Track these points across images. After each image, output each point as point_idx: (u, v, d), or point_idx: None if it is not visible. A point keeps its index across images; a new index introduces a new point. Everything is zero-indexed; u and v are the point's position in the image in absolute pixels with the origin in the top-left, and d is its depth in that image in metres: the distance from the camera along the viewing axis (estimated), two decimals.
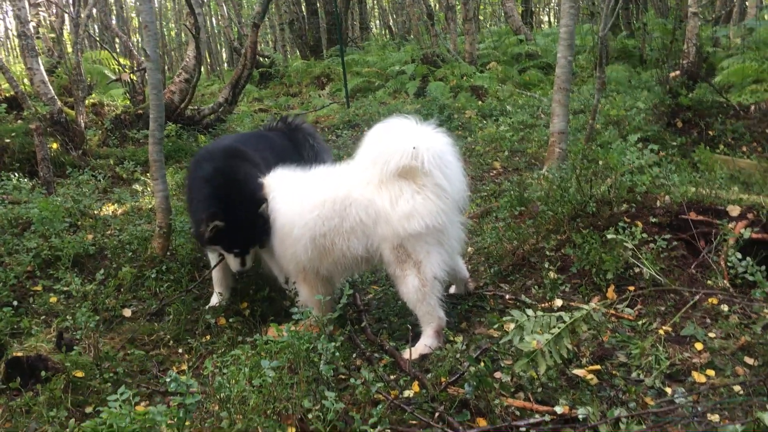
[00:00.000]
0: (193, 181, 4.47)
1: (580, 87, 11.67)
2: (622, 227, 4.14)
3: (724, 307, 3.73)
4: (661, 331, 3.56)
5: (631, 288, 3.99)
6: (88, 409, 3.37)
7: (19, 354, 3.74)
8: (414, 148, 3.54)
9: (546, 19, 34.09)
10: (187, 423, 2.58)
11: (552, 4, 34.37)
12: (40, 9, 12.24)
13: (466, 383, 3.07)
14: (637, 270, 4.02)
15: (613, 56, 13.86)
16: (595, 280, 4.09)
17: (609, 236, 4.04)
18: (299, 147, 5.24)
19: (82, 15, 10.05)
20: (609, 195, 4.59)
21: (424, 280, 3.65)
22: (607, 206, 4.52)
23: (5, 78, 8.85)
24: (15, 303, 4.38)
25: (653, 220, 4.36)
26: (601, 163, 4.71)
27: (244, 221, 4.08)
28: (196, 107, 10.93)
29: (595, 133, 7.07)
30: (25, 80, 9.60)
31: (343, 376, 3.35)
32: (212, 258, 4.65)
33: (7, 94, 10.21)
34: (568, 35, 6.29)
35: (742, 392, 2.99)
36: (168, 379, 2.63)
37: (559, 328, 3.09)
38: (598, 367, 3.28)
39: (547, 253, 4.49)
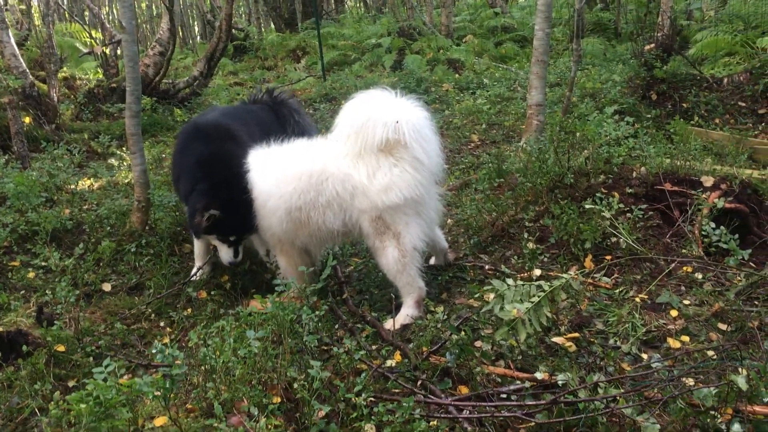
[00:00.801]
0: (185, 163, 4.41)
1: (556, 60, 11.70)
2: (600, 198, 4.20)
3: (699, 275, 3.83)
4: (637, 299, 3.64)
5: (608, 257, 4.06)
6: (71, 383, 3.36)
7: None
8: (397, 122, 3.55)
9: None
10: (172, 394, 2.59)
11: None
12: None
13: (447, 352, 3.12)
14: (614, 240, 4.10)
15: (589, 29, 13.91)
16: (573, 250, 4.16)
17: (587, 206, 4.10)
18: (283, 121, 5.20)
19: None
20: (586, 166, 4.65)
21: (403, 250, 3.68)
22: (584, 177, 4.58)
23: None
24: None
25: (629, 190, 4.43)
26: (578, 135, 4.75)
27: (239, 209, 4.07)
28: (170, 81, 10.78)
29: (572, 106, 7.12)
30: None
31: (325, 347, 3.39)
32: (197, 244, 4.64)
33: None
34: (545, 7, 6.29)
35: (715, 357, 3.07)
36: (154, 351, 2.64)
37: (538, 296, 3.14)
38: (576, 334, 3.35)
39: (526, 224, 4.54)
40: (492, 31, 15.65)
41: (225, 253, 4.29)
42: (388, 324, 3.66)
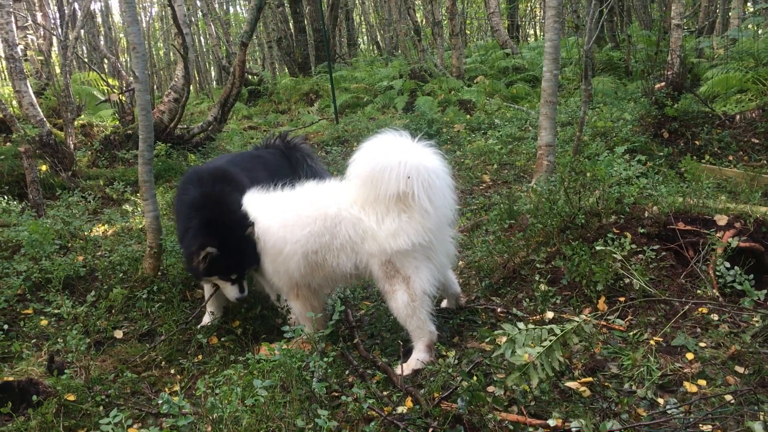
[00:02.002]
0: (180, 208, 4.45)
1: (567, 99, 11.77)
2: (611, 238, 4.17)
3: (714, 317, 3.76)
4: (652, 342, 3.58)
5: (622, 299, 4.01)
6: None
7: (10, 378, 3.72)
8: (408, 177, 3.55)
9: (532, 32, 34.38)
10: None
11: (538, 18, 34.67)
12: (27, 32, 12.24)
13: (459, 398, 3.06)
14: (627, 281, 4.05)
15: (599, 68, 14.00)
16: (586, 291, 4.11)
17: (598, 248, 4.06)
18: (296, 166, 5.24)
19: (71, 37, 10.06)
20: (597, 206, 4.62)
21: (413, 295, 3.66)
22: (595, 218, 4.55)
23: None
24: (5, 327, 4.36)
25: (642, 230, 4.39)
26: (588, 174, 4.74)
27: (235, 245, 4.07)
28: (185, 126, 10.95)
29: (583, 145, 7.12)
30: (14, 103, 9.60)
31: (335, 393, 3.35)
32: (206, 289, 4.64)
33: None
34: (553, 49, 6.35)
35: (733, 401, 3.00)
36: (160, 401, 2.62)
37: (550, 340, 3.10)
38: (590, 379, 3.29)
39: (538, 265, 4.51)
40: (503, 71, 15.80)
41: (230, 291, 4.26)
42: (399, 369, 3.61)
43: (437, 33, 17.39)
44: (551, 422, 2.81)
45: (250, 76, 18.91)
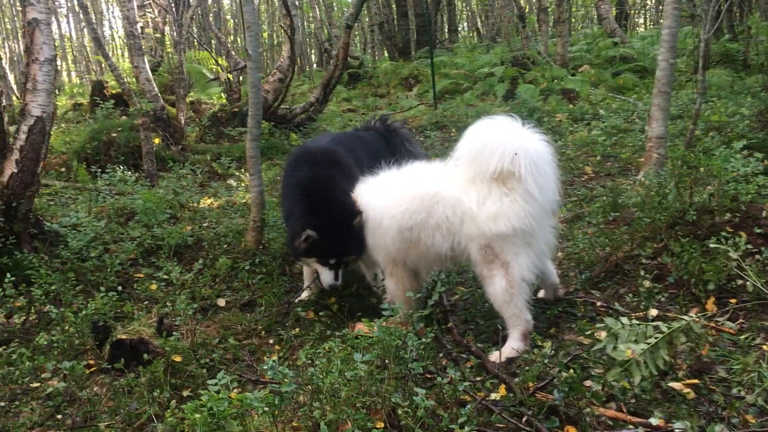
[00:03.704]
0: (289, 186, 4.55)
1: (678, 92, 11.22)
2: (725, 237, 3.97)
3: None
4: (765, 347, 3.38)
5: (733, 301, 3.81)
6: (185, 393, 3.51)
7: (123, 337, 3.96)
8: (516, 154, 3.51)
9: (641, 21, 32.98)
10: (280, 411, 2.65)
11: (648, 7, 33.22)
12: (147, 10, 12.85)
13: (555, 389, 3.01)
14: (740, 282, 3.84)
15: (715, 60, 13.26)
16: (694, 290, 3.94)
17: (712, 245, 3.87)
18: (394, 149, 5.29)
19: (186, 16, 10.48)
20: (710, 203, 4.41)
21: (511, 281, 3.61)
22: (708, 215, 4.34)
23: (114, 76, 9.34)
24: (119, 288, 4.62)
25: (758, 231, 4.16)
26: (702, 170, 4.52)
27: (338, 231, 4.15)
28: (288, 106, 11.22)
29: (695, 140, 6.80)
30: (131, 78, 10.11)
31: (429, 375, 3.36)
32: (306, 271, 4.76)
33: (114, 91, 10.79)
34: (670, 37, 6.07)
35: None
36: (265, 367, 2.71)
37: (655, 338, 3.00)
38: (696, 381, 3.15)
39: (643, 261, 4.35)
40: (610, 61, 15.24)
41: (326, 276, 4.35)
42: (493, 356, 3.59)
43: (542, 20, 16.97)
44: (653, 421, 2.73)
45: (350, 60, 19.12)
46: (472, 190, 3.68)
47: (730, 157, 4.78)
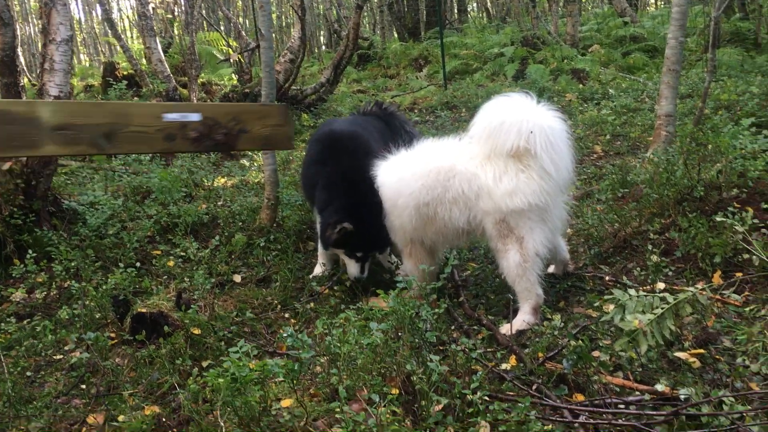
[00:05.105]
0: (324, 173, 4.54)
1: (688, 71, 11.19)
2: (732, 212, 4.03)
3: None
4: None
5: (739, 274, 3.88)
6: (205, 363, 3.62)
7: (143, 310, 4.07)
8: (531, 132, 3.57)
9: (651, 0, 32.64)
10: (298, 378, 2.75)
11: None
12: None
13: (564, 359, 3.10)
14: (746, 256, 3.91)
15: (725, 39, 13.18)
16: (701, 264, 4.01)
17: (718, 219, 3.93)
18: (394, 132, 5.34)
19: None
20: (718, 180, 4.46)
21: (525, 255, 3.69)
22: (715, 191, 4.40)
23: (126, 57, 9.42)
24: (138, 264, 4.74)
25: (765, 206, 4.21)
26: (710, 147, 4.57)
27: (371, 226, 4.24)
28: (299, 87, 11.26)
29: (704, 118, 6.82)
30: (143, 59, 10.19)
31: (441, 346, 3.46)
32: (323, 255, 4.81)
33: (126, 72, 10.87)
34: (680, 15, 6.08)
35: None
36: (284, 335, 2.81)
37: (662, 309, 3.08)
38: (701, 351, 3.23)
39: (651, 236, 4.42)
40: (620, 40, 15.18)
41: (352, 268, 4.45)
42: (504, 328, 3.68)
43: (553, 0, 16.90)
44: (659, 388, 2.81)
45: (360, 41, 19.08)
46: (488, 166, 3.74)
47: (739, 134, 4.82)
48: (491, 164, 3.72)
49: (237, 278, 4.84)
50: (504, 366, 3.27)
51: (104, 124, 2.15)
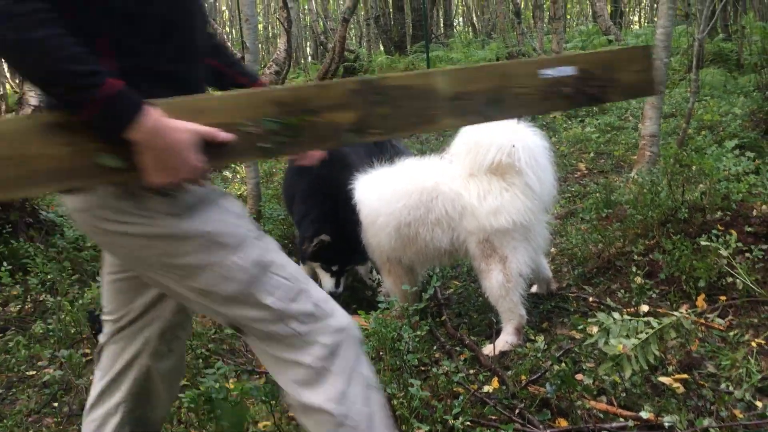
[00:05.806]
0: (301, 185, 4.51)
1: (671, 90, 11.30)
2: (716, 235, 4.02)
3: None
4: (753, 344, 3.44)
5: (723, 298, 3.87)
6: (182, 382, 3.54)
7: None
8: (513, 146, 3.55)
9: (636, 18, 33.08)
10: (275, 401, 2.69)
11: (643, 4, 33.34)
12: None
13: (547, 383, 3.06)
14: (729, 280, 3.90)
15: (708, 59, 13.33)
16: (685, 287, 3.99)
17: (703, 243, 3.93)
18: (380, 145, 5.30)
19: None
20: (702, 201, 4.47)
21: (508, 275, 3.66)
22: (699, 213, 4.40)
23: None
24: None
25: (749, 229, 4.21)
26: (694, 168, 4.58)
27: (347, 240, 4.17)
28: None
29: (688, 138, 6.86)
30: None
31: (423, 368, 3.41)
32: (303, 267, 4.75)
33: None
34: (664, 36, 6.12)
35: None
36: None
37: (646, 333, 3.04)
38: (685, 376, 3.21)
39: (635, 257, 4.41)
40: None
41: (326, 282, 4.38)
42: (487, 349, 3.64)
43: (538, 16, 17.03)
44: (643, 414, 2.77)
45: (346, 53, 19.09)
46: (472, 185, 3.70)
47: (722, 155, 4.84)
48: (475, 183, 3.68)
49: None
50: (486, 389, 3.22)
51: (490, 89, 2.00)
